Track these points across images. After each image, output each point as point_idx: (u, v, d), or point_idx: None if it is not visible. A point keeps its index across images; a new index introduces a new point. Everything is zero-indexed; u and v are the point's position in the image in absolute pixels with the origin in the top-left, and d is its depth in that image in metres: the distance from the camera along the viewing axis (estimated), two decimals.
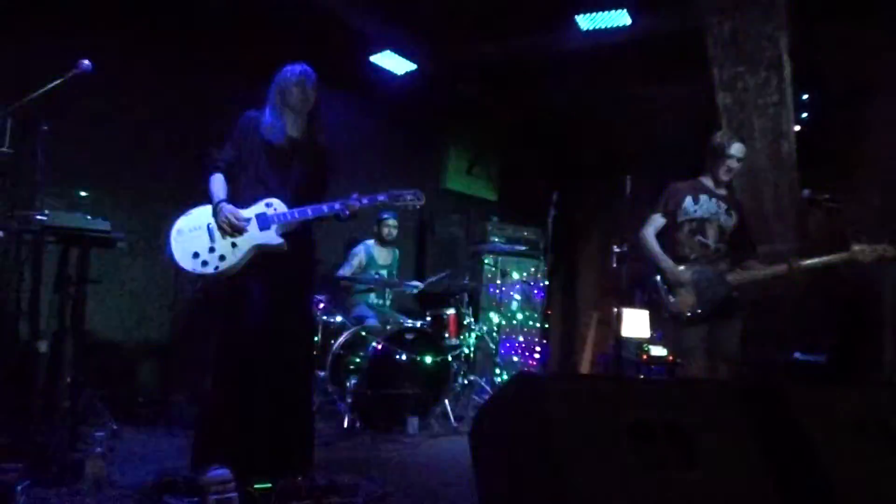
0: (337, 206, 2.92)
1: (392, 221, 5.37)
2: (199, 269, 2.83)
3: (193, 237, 2.87)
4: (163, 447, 3.40)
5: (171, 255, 2.86)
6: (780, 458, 1.63)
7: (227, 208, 2.85)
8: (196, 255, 2.84)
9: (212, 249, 2.85)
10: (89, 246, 3.31)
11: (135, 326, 4.67)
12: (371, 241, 5.38)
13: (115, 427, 3.68)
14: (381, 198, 3.02)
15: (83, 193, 3.47)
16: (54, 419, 2.96)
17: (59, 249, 3.35)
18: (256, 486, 2.61)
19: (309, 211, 2.90)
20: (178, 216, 2.94)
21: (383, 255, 5.38)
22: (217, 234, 2.86)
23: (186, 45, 4.83)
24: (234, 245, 2.85)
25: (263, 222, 2.87)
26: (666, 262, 3.55)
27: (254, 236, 2.86)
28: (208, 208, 2.92)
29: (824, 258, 3.43)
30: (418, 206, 3.09)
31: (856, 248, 3.34)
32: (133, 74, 4.50)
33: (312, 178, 3.03)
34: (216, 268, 2.83)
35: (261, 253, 2.87)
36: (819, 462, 1.59)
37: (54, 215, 3.15)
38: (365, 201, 2.97)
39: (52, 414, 3.01)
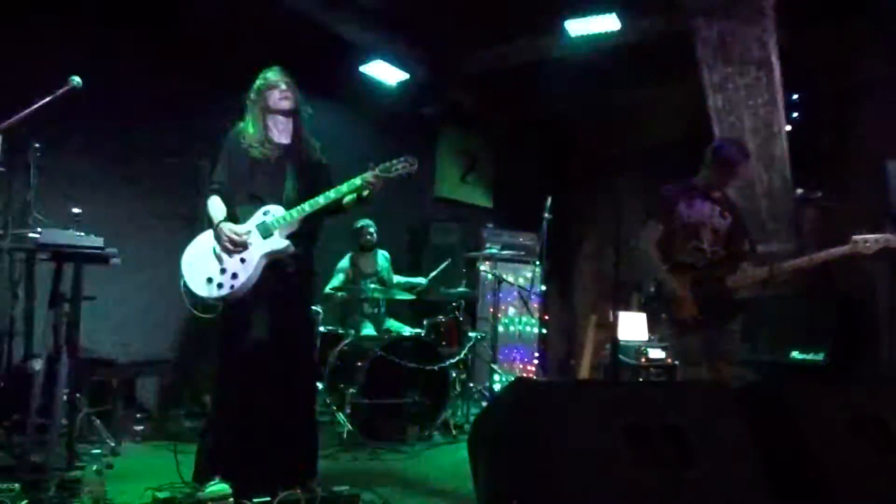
0: (332, 194, 2.89)
1: (370, 227, 5.33)
2: (216, 293, 2.84)
3: (203, 264, 2.88)
4: (161, 463, 3.37)
5: (186, 286, 2.88)
6: (777, 458, 1.63)
7: (226, 227, 2.85)
8: (209, 279, 2.85)
9: (223, 271, 2.85)
10: (83, 263, 3.30)
11: (131, 343, 4.65)
12: (351, 254, 5.33)
13: (112, 444, 3.67)
14: (370, 174, 2.90)
15: (76, 210, 3.46)
16: (51, 438, 2.94)
17: (52, 267, 3.33)
18: (255, 500, 2.60)
19: (306, 206, 2.88)
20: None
21: (368, 263, 5.33)
22: (223, 254, 2.86)
23: (176, 58, 4.83)
24: (242, 260, 2.85)
25: (265, 230, 2.87)
26: (663, 273, 3.50)
27: (259, 246, 2.86)
28: (210, 232, 2.93)
29: (819, 255, 3.35)
30: (413, 171, 2.98)
31: (857, 238, 3.21)
32: (125, 90, 4.50)
33: (308, 181, 3.00)
34: (231, 286, 2.83)
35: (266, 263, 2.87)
36: (816, 461, 1.59)
37: (47, 233, 3.14)
38: (358, 182, 2.91)
39: (49, 432, 2.99)
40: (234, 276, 2.83)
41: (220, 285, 2.84)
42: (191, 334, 4.84)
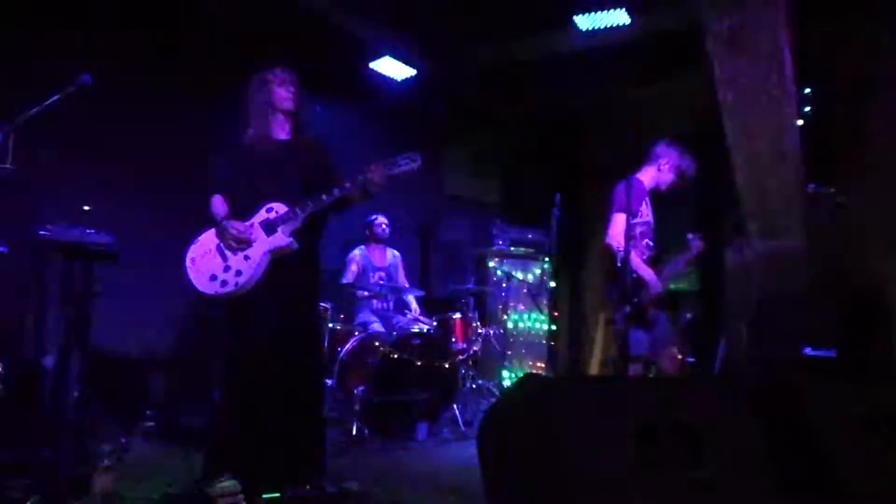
0: (336, 192, 2.88)
1: (382, 219, 5.32)
2: (221, 290, 2.83)
3: (207, 261, 2.88)
4: (171, 460, 3.39)
5: (191, 284, 2.88)
6: (788, 455, 1.61)
7: (230, 224, 2.85)
8: (213, 277, 2.85)
9: (227, 268, 2.85)
10: (93, 260, 3.31)
11: (142, 339, 4.67)
12: (363, 245, 5.34)
13: (123, 440, 3.68)
14: (373, 171, 2.86)
15: (86, 208, 3.47)
16: (61, 434, 2.96)
17: (62, 264, 3.35)
18: (265, 496, 2.60)
19: (310, 204, 2.88)
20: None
21: (379, 256, 5.34)
22: (227, 251, 2.86)
23: (184, 54, 4.85)
24: (246, 257, 2.85)
25: (268, 227, 2.87)
26: (647, 272, 3.60)
27: (263, 243, 2.86)
28: (213, 230, 2.93)
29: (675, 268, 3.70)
30: (416, 168, 2.97)
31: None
32: (133, 87, 4.51)
33: (311, 178, 3.00)
34: (236, 283, 2.83)
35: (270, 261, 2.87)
36: (828, 458, 1.57)
37: (57, 230, 3.15)
38: (360, 178, 2.88)
39: (59, 429, 3.01)
40: (239, 273, 2.83)
41: (224, 283, 2.84)
42: (200, 331, 4.85)
